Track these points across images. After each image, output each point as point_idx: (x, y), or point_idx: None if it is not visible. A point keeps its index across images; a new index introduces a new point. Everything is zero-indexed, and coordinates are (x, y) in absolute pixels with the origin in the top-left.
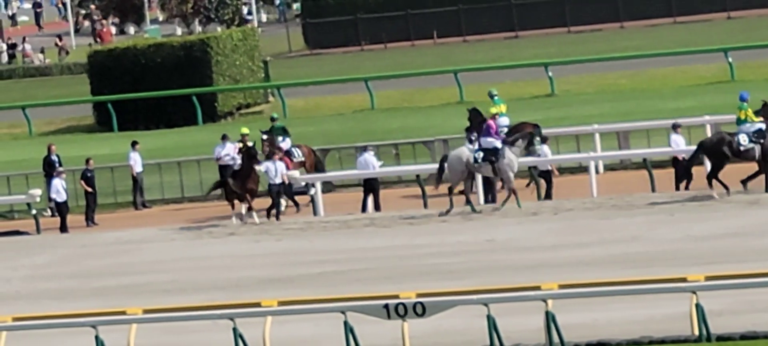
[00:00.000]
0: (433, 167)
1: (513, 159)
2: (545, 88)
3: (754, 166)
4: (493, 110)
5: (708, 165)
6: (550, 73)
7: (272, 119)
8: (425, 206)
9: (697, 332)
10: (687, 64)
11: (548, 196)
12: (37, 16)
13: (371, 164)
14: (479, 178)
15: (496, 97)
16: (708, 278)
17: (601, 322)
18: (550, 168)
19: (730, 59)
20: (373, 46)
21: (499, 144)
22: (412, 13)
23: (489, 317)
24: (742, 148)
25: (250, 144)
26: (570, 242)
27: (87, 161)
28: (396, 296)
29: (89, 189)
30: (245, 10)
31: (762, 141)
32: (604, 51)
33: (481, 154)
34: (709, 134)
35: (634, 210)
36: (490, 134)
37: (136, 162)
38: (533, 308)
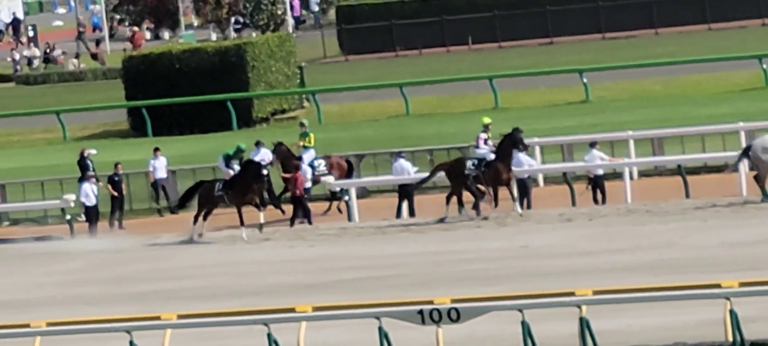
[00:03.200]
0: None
1: None
2: (580, 95)
3: None
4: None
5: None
6: (584, 80)
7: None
8: (460, 211)
9: (730, 339)
10: (721, 71)
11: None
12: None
13: (406, 170)
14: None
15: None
16: (742, 285)
17: (634, 328)
18: (601, 172)
19: (765, 66)
20: (408, 52)
21: None
22: (447, 19)
23: (523, 323)
24: None
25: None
26: (604, 248)
27: (115, 166)
28: (430, 302)
29: (115, 193)
30: (287, 15)
31: None
32: (638, 57)
33: None
34: (743, 142)
35: (668, 216)
36: None
37: (158, 169)
38: (567, 313)
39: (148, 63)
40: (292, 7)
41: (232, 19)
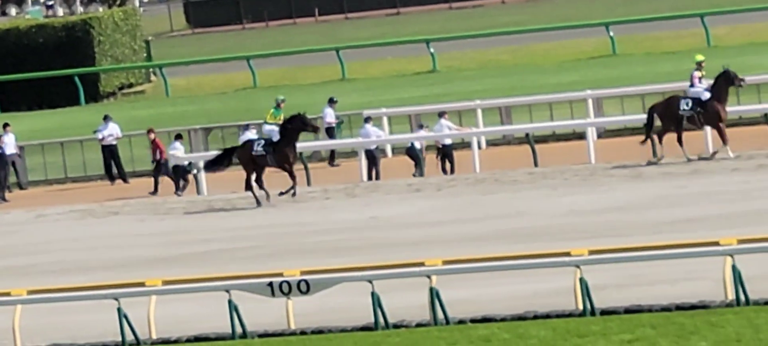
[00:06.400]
0: (316, 145)
1: None
2: (427, 65)
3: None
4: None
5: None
6: (431, 50)
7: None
8: (308, 183)
9: (581, 307)
10: (568, 39)
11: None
12: None
13: None
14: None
15: None
16: (591, 253)
17: (485, 297)
18: (450, 142)
19: (612, 33)
20: (255, 25)
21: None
22: None
23: (373, 294)
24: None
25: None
26: (454, 217)
27: None
28: (280, 274)
29: None
30: None
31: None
32: (485, 27)
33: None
34: (591, 110)
35: (517, 185)
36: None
37: (7, 145)
38: (418, 284)
39: None
40: None
41: None
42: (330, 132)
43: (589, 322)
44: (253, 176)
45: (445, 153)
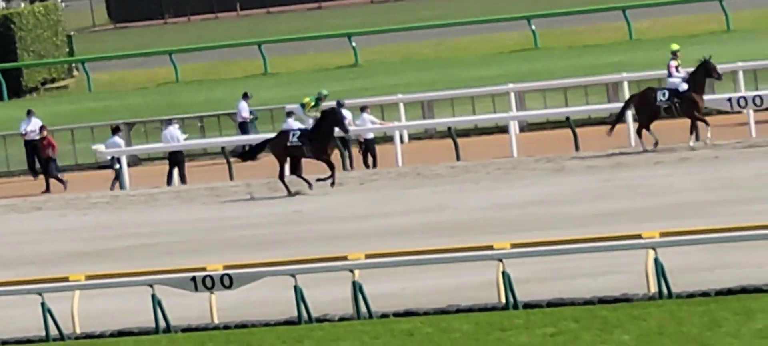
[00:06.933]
0: (238, 140)
1: None
2: (349, 59)
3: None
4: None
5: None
6: (353, 44)
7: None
8: (231, 177)
9: (504, 300)
10: (490, 33)
11: (374, 164)
12: None
13: (176, 137)
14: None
15: None
16: (514, 246)
17: (408, 291)
18: (372, 136)
19: (534, 27)
20: (177, 20)
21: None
22: None
23: (296, 288)
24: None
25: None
26: (376, 211)
27: None
28: (203, 269)
29: None
30: None
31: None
32: (407, 20)
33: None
34: (514, 103)
35: (440, 179)
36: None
37: None
38: (341, 278)
39: None
40: None
41: None
42: (244, 126)
43: (512, 315)
44: (287, 167)
45: (367, 147)
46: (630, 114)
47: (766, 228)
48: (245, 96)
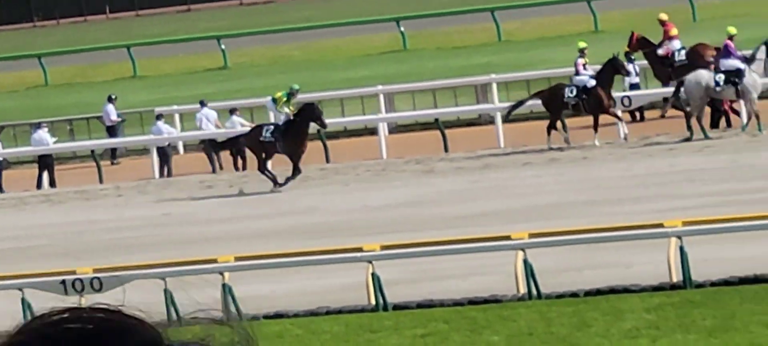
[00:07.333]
0: (108, 142)
1: (757, 79)
2: (219, 61)
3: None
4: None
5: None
6: (222, 46)
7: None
8: (101, 181)
9: (373, 302)
10: (359, 34)
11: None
12: None
13: (45, 141)
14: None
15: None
16: (383, 248)
17: (278, 293)
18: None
19: (402, 28)
20: (46, 22)
21: (741, 65)
22: None
23: (166, 291)
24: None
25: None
26: (246, 214)
27: None
28: (73, 272)
29: None
30: None
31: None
32: (275, 23)
33: (723, 76)
34: (383, 105)
35: (310, 181)
36: (731, 55)
37: None
38: (211, 281)
39: None
40: None
41: None
42: (112, 130)
43: (382, 317)
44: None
45: (237, 149)
46: (499, 116)
47: (634, 229)
48: (110, 99)
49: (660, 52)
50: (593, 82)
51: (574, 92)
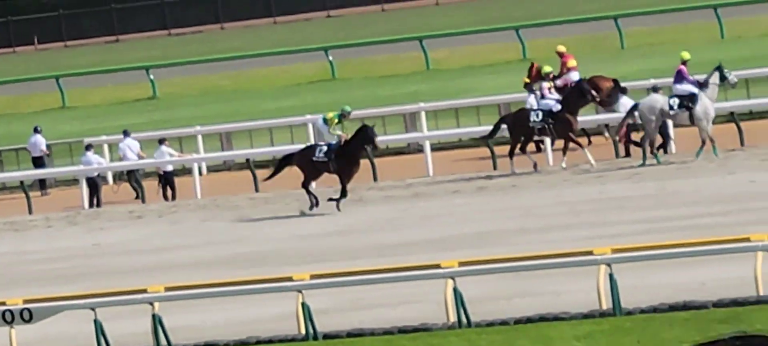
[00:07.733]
0: (37, 173)
1: (708, 106)
2: (147, 91)
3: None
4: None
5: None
6: (151, 76)
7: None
8: (30, 211)
9: (304, 331)
10: (288, 64)
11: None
12: None
13: None
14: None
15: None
16: (313, 277)
17: (208, 323)
18: (171, 169)
19: (331, 58)
20: None
21: (695, 90)
22: (13, 20)
23: (96, 322)
24: None
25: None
26: (176, 244)
27: None
28: (3, 303)
29: None
30: None
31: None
32: (205, 53)
33: (677, 100)
34: (311, 135)
35: (239, 210)
36: (684, 80)
37: None
38: (141, 311)
39: None
40: None
41: None
42: (38, 161)
43: None
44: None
45: (166, 179)
46: (428, 144)
47: (563, 256)
48: (36, 130)
49: (558, 83)
50: (559, 107)
51: (540, 116)
